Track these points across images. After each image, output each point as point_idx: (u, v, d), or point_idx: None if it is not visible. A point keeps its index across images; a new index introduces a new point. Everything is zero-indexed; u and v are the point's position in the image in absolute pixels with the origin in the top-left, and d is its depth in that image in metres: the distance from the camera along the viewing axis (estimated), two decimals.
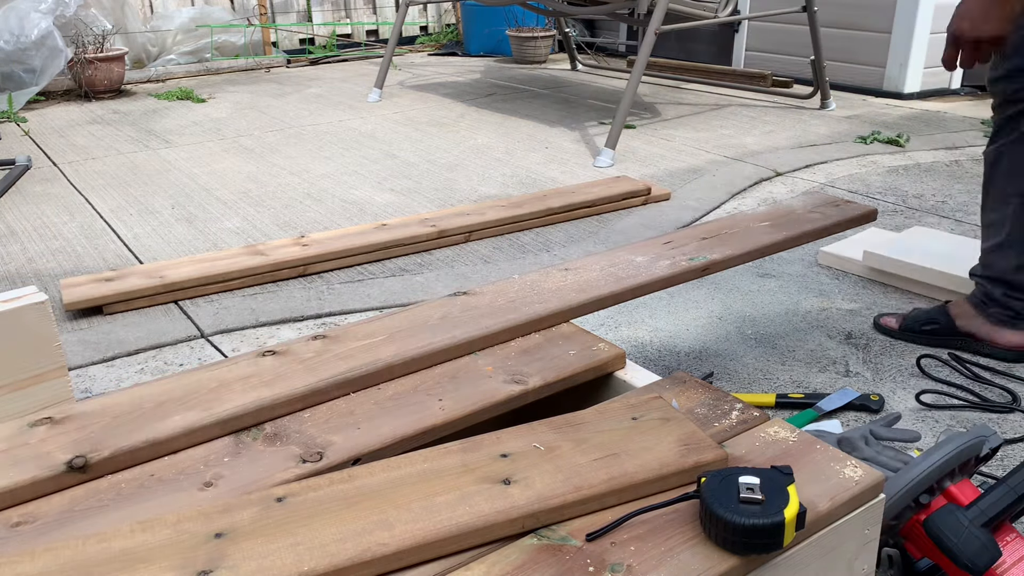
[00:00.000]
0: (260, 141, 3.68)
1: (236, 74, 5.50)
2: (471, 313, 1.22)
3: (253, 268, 2.14)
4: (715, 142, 3.57)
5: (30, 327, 1.37)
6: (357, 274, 2.24)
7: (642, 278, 1.35)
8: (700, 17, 3.73)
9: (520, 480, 0.86)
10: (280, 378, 1.04)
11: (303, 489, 0.85)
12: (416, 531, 0.79)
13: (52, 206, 2.82)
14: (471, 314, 1.22)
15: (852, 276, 2.20)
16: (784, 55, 4.84)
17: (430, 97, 4.62)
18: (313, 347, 1.12)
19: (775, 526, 0.77)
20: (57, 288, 2.15)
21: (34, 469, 0.88)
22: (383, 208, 2.78)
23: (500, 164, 3.28)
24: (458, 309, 1.23)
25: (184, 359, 1.81)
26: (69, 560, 0.76)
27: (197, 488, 0.88)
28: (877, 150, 3.41)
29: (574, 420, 0.96)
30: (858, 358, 1.79)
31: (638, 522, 0.83)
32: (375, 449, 0.95)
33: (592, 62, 5.67)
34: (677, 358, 1.81)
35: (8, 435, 0.94)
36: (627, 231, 2.52)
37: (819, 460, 0.92)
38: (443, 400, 1.04)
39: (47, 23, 4.28)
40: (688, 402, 1.04)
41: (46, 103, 4.57)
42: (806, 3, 3.90)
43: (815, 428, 1.50)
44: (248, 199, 2.88)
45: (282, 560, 0.75)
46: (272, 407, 1.00)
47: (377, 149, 3.53)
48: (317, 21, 6.15)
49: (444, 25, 6.76)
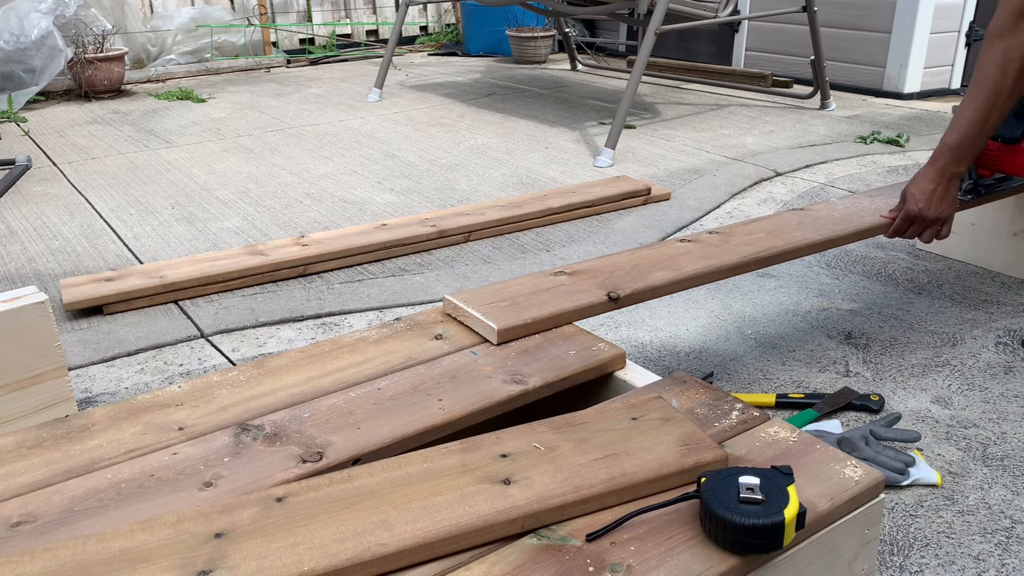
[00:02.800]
0: (260, 141, 3.68)
1: (236, 74, 5.50)
2: (814, 224, 1.64)
3: (253, 268, 2.14)
4: (715, 142, 3.57)
5: (30, 327, 1.37)
6: (357, 274, 2.24)
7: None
8: (700, 17, 3.73)
9: (520, 480, 0.86)
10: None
11: (303, 489, 0.85)
12: (416, 531, 0.79)
13: (52, 206, 2.82)
14: (814, 224, 1.63)
15: (852, 276, 2.20)
16: (784, 55, 4.84)
17: (430, 97, 4.62)
18: (714, 239, 1.57)
19: (775, 526, 0.77)
20: (57, 288, 2.15)
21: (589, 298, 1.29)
22: (383, 208, 2.78)
23: (500, 164, 3.28)
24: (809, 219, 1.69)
25: (184, 359, 1.81)
26: (69, 560, 0.76)
27: (197, 488, 0.88)
28: (877, 150, 3.41)
29: (574, 420, 0.96)
30: (858, 358, 1.79)
31: (638, 522, 0.83)
32: (375, 449, 0.95)
33: (592, 62, 5.67)
34: (677, 358, 1.81)
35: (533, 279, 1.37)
36: (627, 231, 2.52)
37: (819, 460, 0.92)
38: (443, 400, 1.04)
39: (47, 23, 4.28)
40: (688, 402, 1.04)
41: (46, 103, 4.57)
42: (806, 3, 3.90)
43: (815, 428, 1.50)
44: (248, 199, 2.88)
45: (282, 560, 0.75)
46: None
47: (377, 149, 3.53)
48: (317, 21, 6.15)
49: (444, 25, 6.76)
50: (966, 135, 1.46)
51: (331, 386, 1.08)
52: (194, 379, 1.10)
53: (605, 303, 1.30)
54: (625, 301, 1.32)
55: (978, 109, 1.43)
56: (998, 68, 1.39)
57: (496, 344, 1.18)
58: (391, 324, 1.26)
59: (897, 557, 1.22)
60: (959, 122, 1.47)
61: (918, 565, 1.20)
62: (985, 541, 1.25)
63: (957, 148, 1.48)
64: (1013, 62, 1.38)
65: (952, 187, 1.53)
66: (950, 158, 1.50)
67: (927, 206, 1.53)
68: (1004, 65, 1.39)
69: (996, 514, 1.30)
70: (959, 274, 2.19)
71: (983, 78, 1.42)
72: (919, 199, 1.53)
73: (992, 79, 1.40)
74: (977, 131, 1.45)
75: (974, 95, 1.43)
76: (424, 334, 1.22)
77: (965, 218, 2.24)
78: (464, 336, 1.22)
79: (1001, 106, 1.42)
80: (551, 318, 1.24)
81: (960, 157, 1.49)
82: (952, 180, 1.52)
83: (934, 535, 1.26)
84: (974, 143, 1.47)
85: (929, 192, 1.53)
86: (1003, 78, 1.39)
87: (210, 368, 1.77)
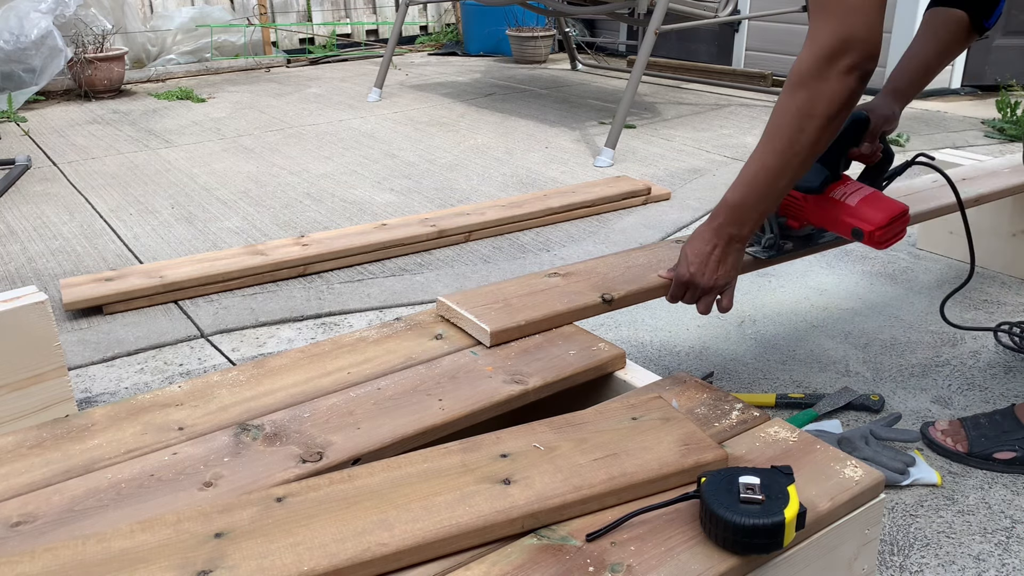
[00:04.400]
0: (260, 141, 3.68)
1: (236, 74, 5.50)
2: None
3: (253, 268, 2.14)
4: (715, 142, 3.56)
5: (30, 327, 1.37)
6: (357, 274, 2.24)
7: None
8: (700, 17, 3.73)
9: (520, 480, 0.86)
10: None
11: (303, 489, 0.85)
12: (416, 531, 0.79)
13: (52, 206, 2.81)
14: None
15: (852, 276, 2.20)
16: (784, 55, 4.84)
17: (430, 97, 4.62)
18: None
19: (775, 526, 0.77)
20: (57, 288, 2.14)
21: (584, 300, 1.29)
22: (383, 208, 2.78)
23: (500, 164, 3.28)
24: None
25: (184, 359, 1.81)
26: (69, 560, 0.76)
27: (197, 488, 0.88)
28: None
29: (574, 420, 0.96)
30: (858, 358, 1.79)
31: (638, 522, 0.83)
32: (375, 449, 0.95)
33: (592, 62, 5.67)
34: (677, 358, 1.81)
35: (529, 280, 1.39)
36: (627, 231, 2.52)
37: (819, 460, 0.92)
38: (443, 400, 1.04)
39: (47, 23, 4.28)
40: (688, 402, 1.04)
41: (46, 103, 4.57)
42: (806, 3, 3.89)
43: (815, 428, 1.50)
44: (248, 199, 2.88)
45: (282, 560, 0.75)
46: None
47: (377, 149, 3.53)
48: (317, 21, 6.15)
49: (444, 25, 6.76)
50: (748, 195, 1.17)
51: (331, 386, 1.08)
52: (194, 379, 1.10)
53: (599, 305, 1.30)
54: (619, 303, 1.32)
55: (767, 167, 1.14)
56: (795, 122, 1.10)
57: (489, 346, 1.18)
58: (391, 324, 1.26)
59: (897, 557, 1.22)
60: (743, 178, 1.18)
61: (918, 565, 1.20)
62: (985, 541, 1.25)
63: (737, 208, 1.19)
64: (813, 118, 1.08)
65: (732, 251, 1.22)
66: (729, 218, 1.20)
67: (699, 271, 1.23)
68: (802, 120, 1.09)
69: (996, 514, 1.30)
70: (959, 274, 2.19)
71: (775, 131, 1.13)
72: (692, 262, 1.24)
73: (787, 135, 1.11)
74: (763, 191, 1.16)
75: (764, 149, 1.14)
76: (424, 334, 1.22)
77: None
78: (464, 336, 1.22)
79: (796, 167, 1.13)
80: (544, 320, 1.23)
81: (741, 219, 1.19)
82: (732, 243, 1.21)
83: (934, 535, 1.26)
84: (759, 205, 1.17)
85: (704, 255, 1.23)
86: (799, 135, 1.10)
87: (210, 368, 1.77)
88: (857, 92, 1.08)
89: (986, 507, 1.32)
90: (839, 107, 1.07)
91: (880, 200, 1.34)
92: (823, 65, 1.06)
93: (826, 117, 1.08)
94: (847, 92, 1.06)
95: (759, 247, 1.47)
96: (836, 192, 1.37)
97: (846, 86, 1.06)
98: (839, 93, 1.06)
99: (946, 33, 1.45)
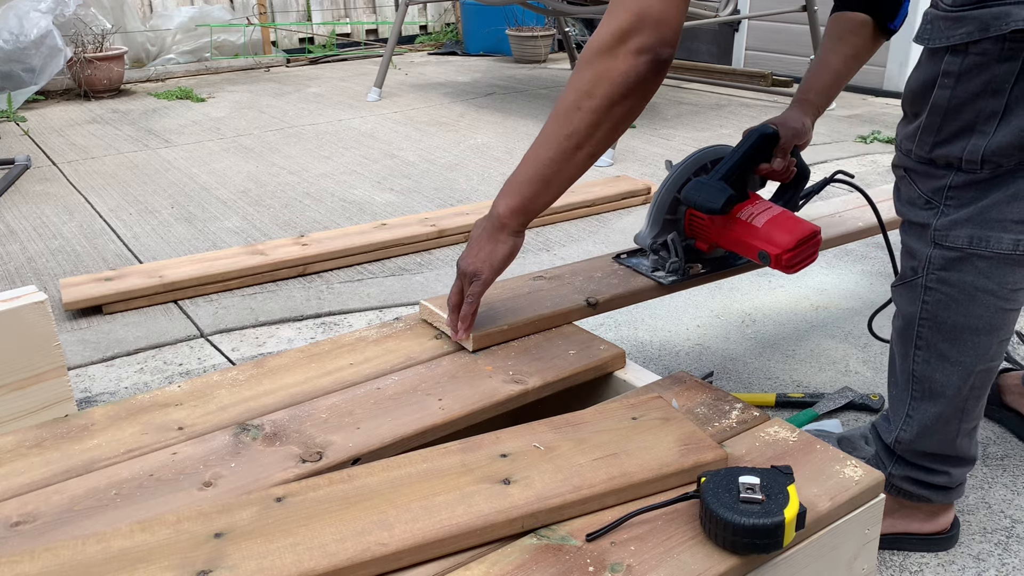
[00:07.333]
0: (260, 140, 3.68)
1: (235, 73, 5.50)
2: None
3: (252, 268, 2.14)
4: (715, 141, 3.56)
5: (30, 327, 1.37)
6: (357, 273, 2.24)
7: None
8: (700, 17, 3.73)
9: (520, 480, 0.86)
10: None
11: (303, 489, 0.85)
12: (416, 531, 0.79)
13: (51, 206, 2.81)
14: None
15: (852, 275, 2.20)
16: (784, 54, 4.84)
17: (430, 96, 4.62)
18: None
19: (775, 526, 0.77)
20: (56, 288, 2.14)
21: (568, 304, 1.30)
22: (383, 207, 2.77)
23: (500, 164, 3.28)
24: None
25: (184, 359, 1.81)
26: (69, 560, 0.76)
27: (197, 488, 0.88)
28: (877, 149, 3.41)
29: (574, 420, 0.96)
30: (858, 358, 1.79)
31: (638, 522, 0.83)
32: (375, 449, 0.95)
33: None
34: (677, 358, 1.81)
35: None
36: (627, 231, 2.52)
37: (819, 460, 0.92)
38: (443, 400, 1.04)
39: (46, 22, 4.28)
40: (688, 402, 1.04)
41: (45, 102, 4.57)
42: (806, 2, 3.90)
43: (815, 428, 1.50)
44: (247, 198, 2.87)
45: (282, 560, 0.75)
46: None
47: (377, 148, 3.53)
48: (317, 20, 6.15)
49: (444, 24, 6.76)
50: (517, 177, 1.11)
51: (331, 386, 1.08)
52: (194, 379, 1.10)
53: (584, 308, 1.28)
54: (604, 306, 1.30)
55: (536, 147, 1.07)
56: (572, 100, 1.02)
57: (472, 351, 1.17)
58: (391, 324, 1.26)
59: (897, 557, 1.22)
60: (525, 160, 1.10)
61: (918, 565, 1.20)
62: (985, 541, 1.25)
63: (507, 193, 1.12)
64: (592, 98, 1.00)
65: (499, 237, 1.13)
66: (504, 198, 1.12)
67: (466, 253, 1.15)
68: (579, 99, 1.01)
69: (996, 514, 1.30)
70: None
71: (554, 112, 1.05)
72: (468, 246, 1.16)
73: (562, 113, 1.03)
74: (531, 176, 1.08)
75: (547, 127, 1.06)
76: (424, 334, 1.22)
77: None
78: None
79: (569, 151, 1.04)
80: (528, 324, 1.22)
81: (511, 205, 1.11)
82: (500, 229, 1.12)
83: None
84: (523, 189, 1.10)
85: (474, 237, 1.15)
86: (573, 114, 1.02)
87: (210, 368, 1.77)
88: (646, 78, 0.99)
89: (986, 507, 1.32)
90: (623, 90, 1.00)
91: (788, 221, 1.24)
92: (613, 43, 0.99)
93: (607, 98, 1.00)
94: (633, 74, 0.99)
95: (663, 271, 1.36)
96: (743, 213, 1.28)
97: (633, 67, 0.98)
98: (624, 74, 0.99)
99: (853, 37, 1.39)
